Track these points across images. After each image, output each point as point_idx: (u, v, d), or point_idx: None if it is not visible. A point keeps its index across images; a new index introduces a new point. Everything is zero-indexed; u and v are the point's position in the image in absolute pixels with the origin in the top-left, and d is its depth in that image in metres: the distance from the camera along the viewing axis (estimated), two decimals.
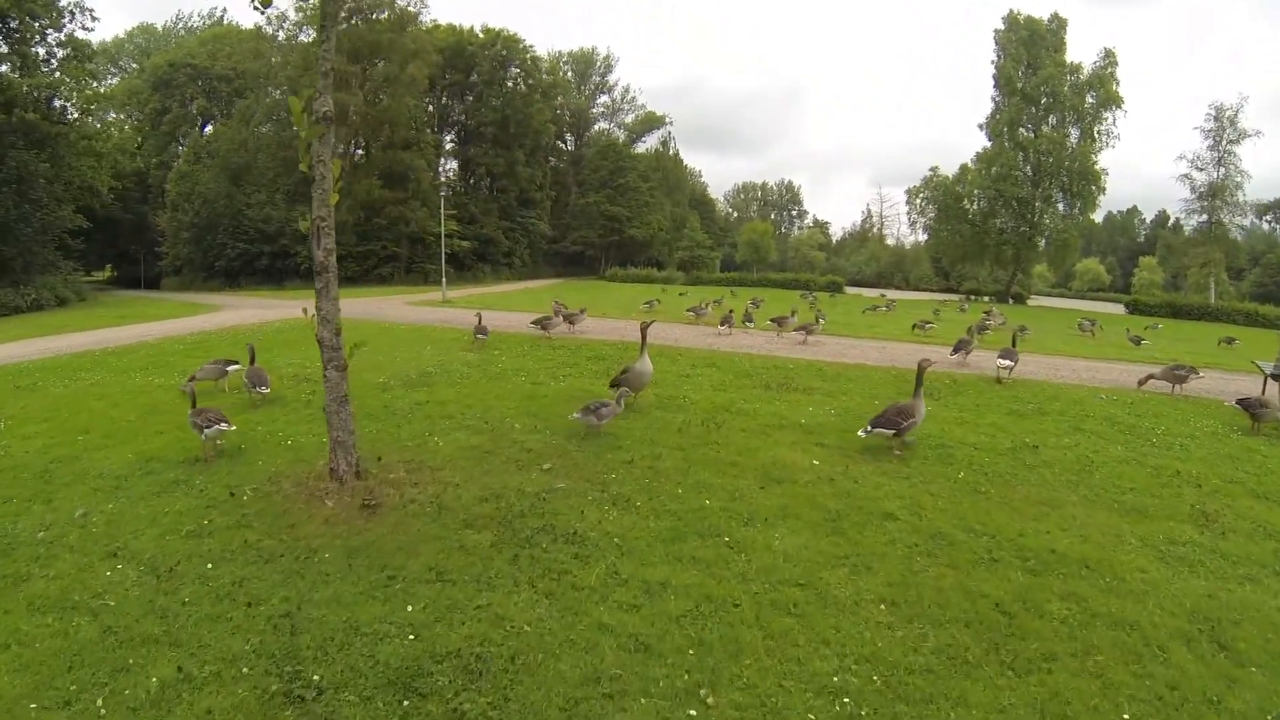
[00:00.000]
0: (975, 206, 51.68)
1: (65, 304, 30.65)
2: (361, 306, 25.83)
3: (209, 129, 52.25)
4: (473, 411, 8.24)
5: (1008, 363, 11.25)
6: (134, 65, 58.75)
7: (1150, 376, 10.96)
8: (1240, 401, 8.97)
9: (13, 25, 28.43)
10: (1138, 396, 10.48)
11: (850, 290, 54.62)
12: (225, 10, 68.49)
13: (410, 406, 8.49)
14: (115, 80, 59.21)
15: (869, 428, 6.92)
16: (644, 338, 8.65)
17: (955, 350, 13.29)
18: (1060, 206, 50.22)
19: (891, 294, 48.92)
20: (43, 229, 28.95)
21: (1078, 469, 6.82)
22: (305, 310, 6.09)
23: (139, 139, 54.55)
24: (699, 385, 10.05)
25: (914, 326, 19.27)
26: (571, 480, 6.04)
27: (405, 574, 4.42)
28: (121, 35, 61.75)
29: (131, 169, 52.00)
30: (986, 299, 50.69)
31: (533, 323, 15.56)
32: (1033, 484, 6.37)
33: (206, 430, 6.32)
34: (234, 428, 6.60)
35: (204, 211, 42.68)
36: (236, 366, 9.27)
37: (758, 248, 66.31)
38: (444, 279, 32.05)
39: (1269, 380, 10.29)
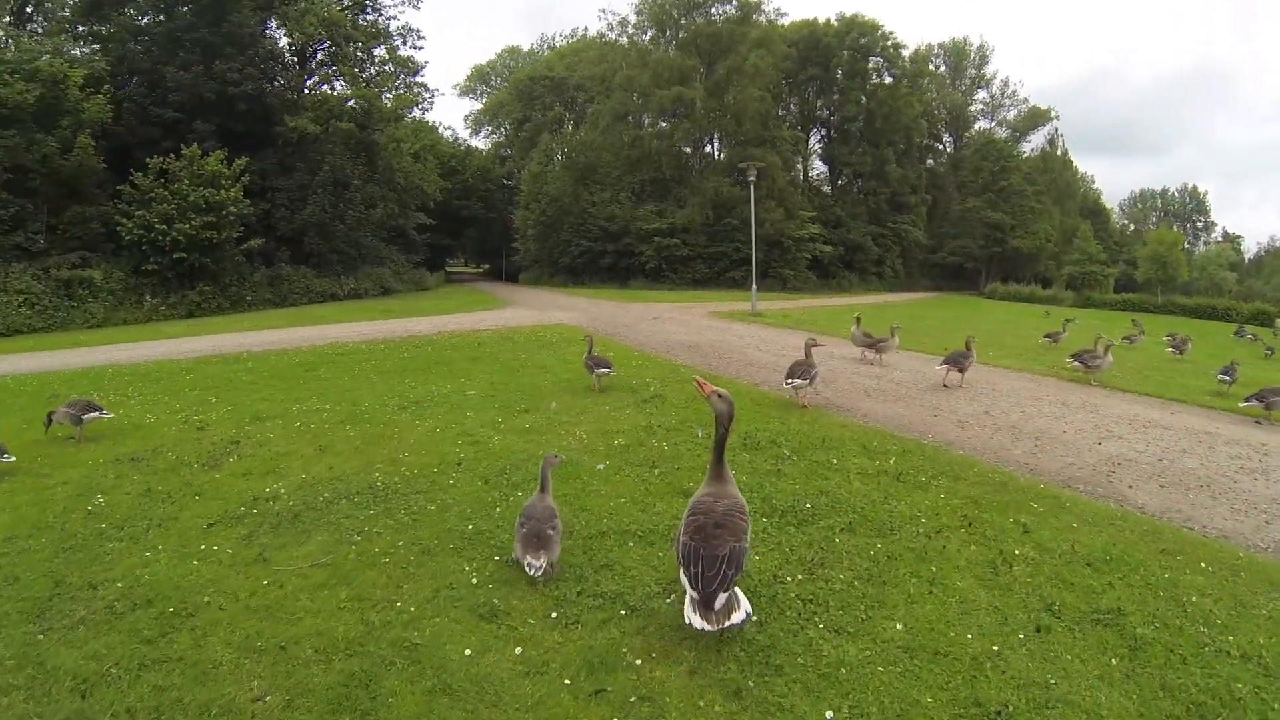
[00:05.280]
0: None
1: (389, 293, 32.68)
2: (648, 313, 22.03)
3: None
4: None
5: None
6: (503, 84, 66.08)
7: None
8: None
9: (345, 50, 31.45)
10: None
11: None
12: (586, 28, 74.90)
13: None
14: (486, 98, 67.38)
15: None
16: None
17: None
18: None
19: None
20: (357, 225, 30.93)
21: None
22: None
23: (503, 145, 61.02)
24: None
25: None
26: None
27: None
28: (494, 58, 70.27)
29: (499, 174, 58.37)
30: None
31: (791, 379, 8.24)
32: None
33: None
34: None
35: (550, 210, 44.83)
36: (95, 415, 7.12)
37: (1164, 264, 49.05)
38: (754, 287, 25.44)
39: None
